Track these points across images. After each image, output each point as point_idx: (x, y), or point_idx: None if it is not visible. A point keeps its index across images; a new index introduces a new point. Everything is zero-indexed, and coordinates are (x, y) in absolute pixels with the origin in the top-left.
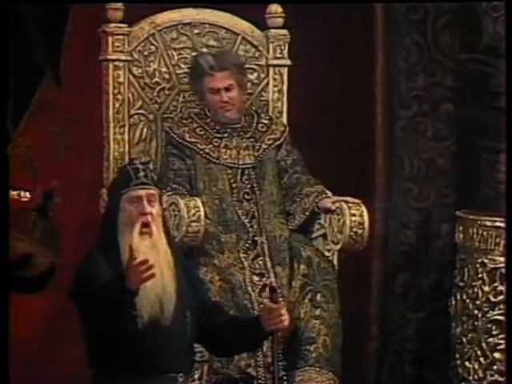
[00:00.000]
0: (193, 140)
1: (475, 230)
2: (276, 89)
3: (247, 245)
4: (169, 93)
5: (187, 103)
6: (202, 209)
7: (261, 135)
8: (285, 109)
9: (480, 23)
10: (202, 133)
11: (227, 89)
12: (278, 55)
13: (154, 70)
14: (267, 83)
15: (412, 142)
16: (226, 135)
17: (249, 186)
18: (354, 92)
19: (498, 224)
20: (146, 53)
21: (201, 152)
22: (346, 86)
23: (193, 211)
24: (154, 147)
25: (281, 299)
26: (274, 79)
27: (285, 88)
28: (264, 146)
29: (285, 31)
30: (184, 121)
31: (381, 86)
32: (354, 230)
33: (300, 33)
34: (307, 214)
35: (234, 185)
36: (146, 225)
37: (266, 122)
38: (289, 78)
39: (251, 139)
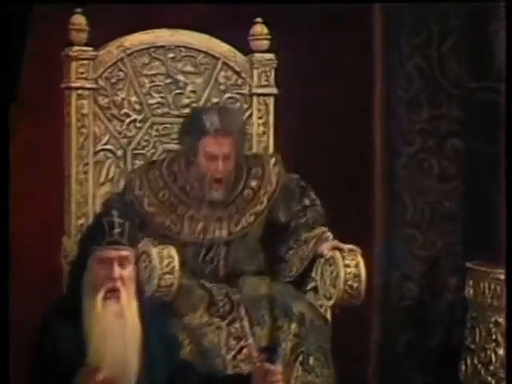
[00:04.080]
0: (152, 210)
1: (487, 285)
2: (261, 121)
3: (223, 306)
4: (140, 125)
5: (161, 137)
6: (176, 259)
7: (243, 205)
8: (271, 144)
9: (491, 46)
10: (165, 198)
11: (225, 157)
12: (263, 83)
13: (123, 99)
14: (250, 114)
15: (415, 181)
16: (194, 203)
17: (214, 263)
18: (349, 126)
19: None
20: (113, 80)
21: (158, 227)
22: (340, 119)
23: (166, 261)
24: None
25: (280, 361)
26: (259, 110)
27: (271, 120)
28: (247, 218)
29: (271, 55)
30: (150, 172)
31: (379, 118)
32: (349, 283)
33: (288, 57)
34: (305, 263)
35: (195, 264)
36: (113, 290)
37: (253, 186)
38: (275, 108)
39: (228, 210)
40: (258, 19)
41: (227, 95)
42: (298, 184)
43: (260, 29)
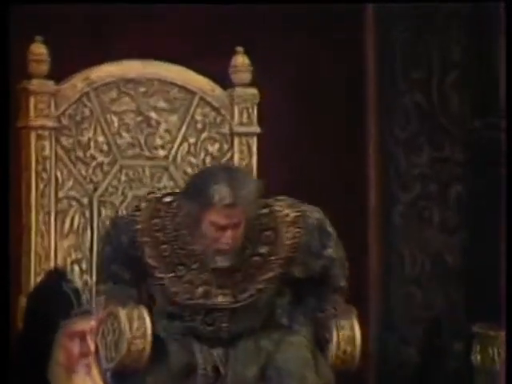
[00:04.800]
0: (151, 263)
1: (497, 350)
2: (243, 163)
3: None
4: (108, 169)
5: (131, 183)
6: (147, 320)
7: (251, 273)
8: None
9: (497, 80)
10: (166, 254)
11: (235, 225)
12: (245, 120)
13: (89, 139)
14: (231, 156)
15: (414, 232)
16: (195, 267)
17: (215, 326)
18: (340, 168)
19: None
20: (78, 118)
21: (156, 283)
22: (329, 160)
23: (136, 324)
24: (89, 241)
25: None
26: (241, 152)
27: (254, 162)
28: (256, 285)
29: (253, 90)
30: (153, 221)
31: (374, 160)
32: (343, 347)
33: (272, 92)
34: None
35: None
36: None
37: (262, 252)
38: (258, 149)
39: (233, 277)
40: (239, 48)
41: (205, 135)
42: (320, 233)
43: (241, 59)
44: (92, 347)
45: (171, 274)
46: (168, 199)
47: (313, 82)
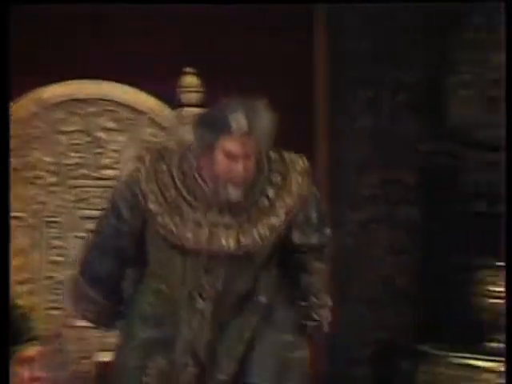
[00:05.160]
0: (155, 209)
1: (444, 370)
2: None
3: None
4: (55, 189)
5: (79, 203)
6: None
7: (256, 215)
8: None
9: (446, 103)
10: (171, 198)
11: (247, 156)
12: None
13: (38, 159)
14: None
15: (364, 253)
16: (201, 205)
17: (211, 277)
18: None
19: (473, 362)
20: (27, 138)
21: (160, 228)
22: None
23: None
24: (38, 261)
25: None
26: None
27: None
28: (260, 230)
29: (201, 110)
30: (158, 165)
31: (324, 182)
32: None
33: None
34: None
35: (189, 280)
36: None
37: (270, 194)
38: None
39: (239, 217)
40: (189, 69)
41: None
42: (318, 207)
43: (190, 79)
44: (40, 372)
45: (177, 217)
46: (172, 148)
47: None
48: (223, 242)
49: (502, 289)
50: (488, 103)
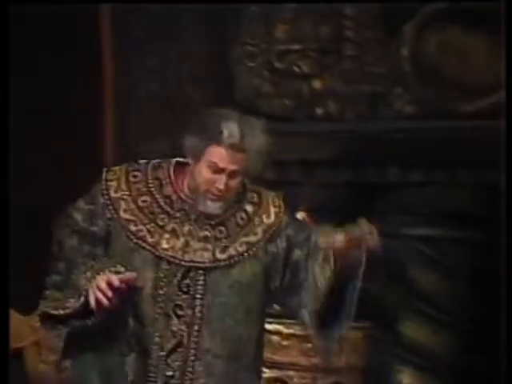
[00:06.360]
0: (127, 217)
1: None
2: None
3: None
4: None
5: None
6: None
7: (234, 230)
8: None
9: (232, 73)
10: (145, 205)
11: (232, 173)
12: None
13: None
14: None
15: None
16: (178, 215)
17: (188, 296)
18: (74, 165)
19: None
20: None
21: (130, 235)
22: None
23: None
24: None
25: None
26: None
27: None
28: (237, 246)
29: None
30: (130, 174)
31: (110, 146)
32: None
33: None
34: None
35: (161, 290)
36: None
37: (248, 210)
38: None
39: (216, 231)
40: None
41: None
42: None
43: None
44: None
45: (151, 224)
46: (144, 161)
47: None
48: (198, 254)
49: None
50: (271, 75)
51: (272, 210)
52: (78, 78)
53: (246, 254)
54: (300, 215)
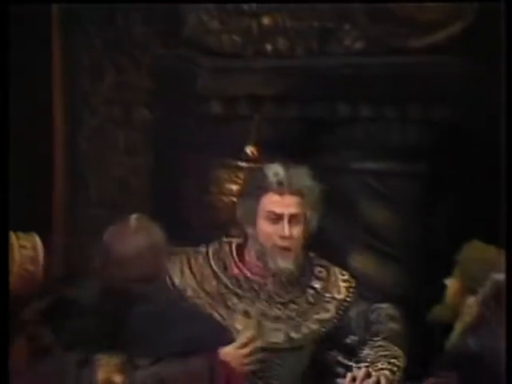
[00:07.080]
0: (196, 300)
1: None
2: None
3: None
4: None
5: None
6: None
7: (305, 307)
8: None
9: (179, 11)
10: (213, 289)
11: (292, 218)
12: None
13: None
14: None
15: (100, 156)
16: (248, 295)
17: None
18: (28, 97)
19: None
20: None
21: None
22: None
23: None
24: None
25: None
26: None
27: None
28: (310, 324)
29: None
30: (191, 261)
31: (59, 86)
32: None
33: None
34: None
35: None
36: None
37: (316, 286)
38: None
39: (288, 309)
40: None
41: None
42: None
43: None
44: None
45: (222, 308)
46: (203, 249)
47: None
48: (272, 335)
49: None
50: (219, 14)
51: (341, 284)
52: None
53: (319, 334)
54: (248, 149)
